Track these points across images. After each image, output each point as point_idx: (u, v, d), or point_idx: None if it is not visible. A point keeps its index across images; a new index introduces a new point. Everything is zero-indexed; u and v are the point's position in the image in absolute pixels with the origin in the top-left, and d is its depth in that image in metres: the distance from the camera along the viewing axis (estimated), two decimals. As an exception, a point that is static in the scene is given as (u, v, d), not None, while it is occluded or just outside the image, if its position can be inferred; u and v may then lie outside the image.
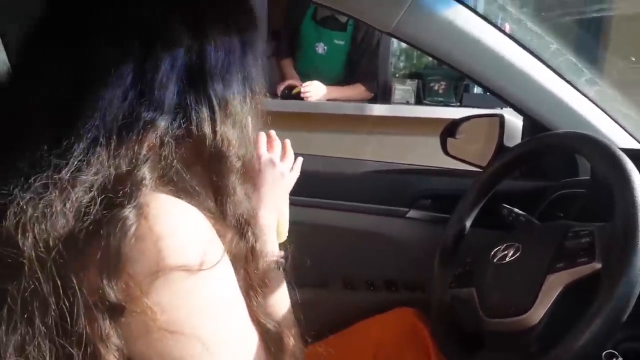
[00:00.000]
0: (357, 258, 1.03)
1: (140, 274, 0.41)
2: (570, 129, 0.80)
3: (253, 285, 0.51)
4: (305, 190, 1.02)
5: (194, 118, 0.47)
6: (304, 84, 2.18)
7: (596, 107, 0.93)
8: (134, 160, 0.43)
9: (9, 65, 0.91)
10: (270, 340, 0.51)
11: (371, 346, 0.91)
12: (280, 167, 0.71)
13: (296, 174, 0.75)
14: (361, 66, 2.33)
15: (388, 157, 1.16)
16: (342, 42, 2.31)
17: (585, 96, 0.92)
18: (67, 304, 0.40)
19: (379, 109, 2.23)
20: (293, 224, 0.75)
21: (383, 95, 2.35)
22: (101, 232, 0.40)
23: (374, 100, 2.33)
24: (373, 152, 2.18)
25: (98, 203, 0.41)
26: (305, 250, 0.61)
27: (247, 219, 0.51)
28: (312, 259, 0.63)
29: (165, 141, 0.46)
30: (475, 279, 0.72)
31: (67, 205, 0.41)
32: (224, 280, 0.47)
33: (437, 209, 1.03)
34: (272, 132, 0.74)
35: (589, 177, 0.79)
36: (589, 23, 2.49)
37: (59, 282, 0.40)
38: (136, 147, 0.44)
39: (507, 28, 1.12)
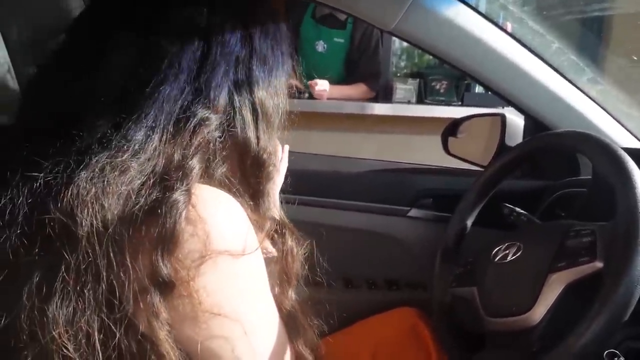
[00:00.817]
0: (358, 257, 1.03)
1: (189, 258, 0.43)
2: (572, 128, 0.80)
3: (288, 279, 0.55)
4: (307, 189, 1.02)
5: (239, 122, 0.51)
6: (315, 84, 2.17)
7: (598, 106, 0.93)
8: (185, 151, 0.47)
9: (10, 63, 0.92)
10: (291, 327, 0.54)
11: (372, 345, 0.91)
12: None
13: (285, 164, 0.76)
14: (362, 65, 2.32)
15: (389, 156, 1.16)
16: (341, 40, 2.31)
17: (587, 95, 0.92)
18: (119, 280, 0.42)
19: (380, 108, 2.23)
20: (294, 223, 0.75)
21: (384, 94, 2.35)
22: (158, 212, 0.43)
23: (375, 99, 2.33)
24: (374, 151, 2.18)
25: (150, 186, 0.44)
26: (307, 249, 0.62)
27: (281, 221, 0.55)
28: (313, 257, 0.63)
29: (214, 139, 0.49)
30: (476, 278, 0.71)
31: (124, 186, 0.43)
32: (260, 267, 0.50)
33: (439, 208, 1.03)
34: None
35: (590, 177, 0.79)
36: (591, 22, 2.49)
37: (113, 258, 0.42)
38: (189, 140, 0.47)
39: (509, 27, 1.12)
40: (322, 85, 2.19)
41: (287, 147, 0.77)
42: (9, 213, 0.43)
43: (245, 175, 0.53)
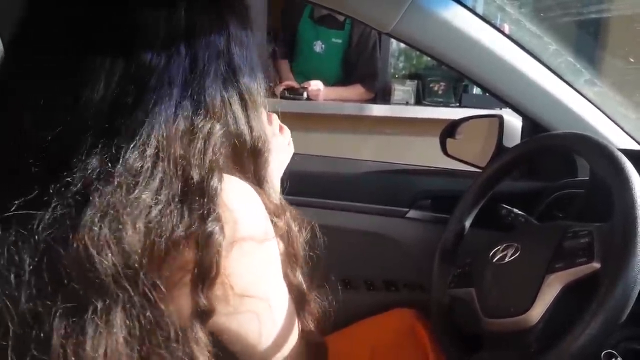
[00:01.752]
0: (357, 258, 1.03)
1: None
2: (569, 130, 0.80)
3: (296, 259, 0.56)
4: (305, 190, 1.02)
5: (231, 117, 0.49)
6: (308, 85, 2.17)
7: (595, 108, 0.93)
8: (201, 170, 0.44)
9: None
10: (298, 301, 0.55)
11: (370, 346, 0.91)
12: (281, 139, 0.73)
13: (292, 148, 0.76)
14: (359, 66, 2.32)
15: (388, 158, 1.16)
16: (339, 41, 2.31)
17: (584, 97, 0.93)
18: (157, 314, 0.41)
19: (378, 110, 2.23)
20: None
21: (383, 95, 2.35)
22: (190, 246, 0.42)
23: (373, 100, 2.34)
24: (373, 153, 2.18)
25: (173, 214, 0.42)
26: (305, 250, 0.62)
27: (284, 205, 0.56)
28: (311, 258, 0.63)
29: (220, 145, 0.47)
30: (474, 279, 0.72)
31: (141, 220, 0.41)
32: (276, 250, 0.51)
33: (437, 209, 1.03)
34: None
35: (587, 178, 0.79)
36: (588, 24, 2.50)
37: (150, 295, 0.41)
38: (202, 157, 0.45)
39: (506, 29, 1.12)
40: (315, 85, 2.19)
41: (288, 131, 0.76)
42: (15, 275, 0.40)
43: (244, 166, 0.52)
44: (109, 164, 0.42)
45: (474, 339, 0.70)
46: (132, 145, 0.42)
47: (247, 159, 0.52)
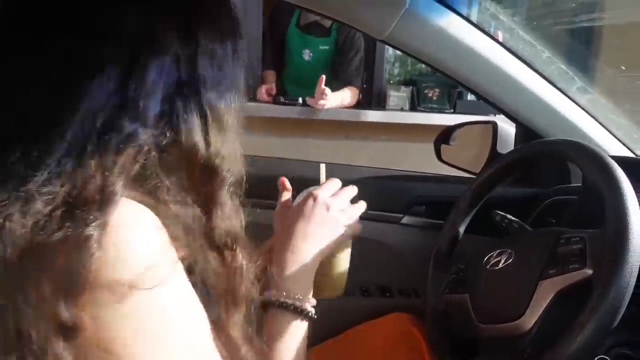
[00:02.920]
0: (352, 263, 1.03)
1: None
2: (562, 137, 0.81)
3: (234, 300, 0.48)
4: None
5: (183, 128, 0.45)
6: (323, 90, 2.11)
7: (587, 115, 0.94)
8: (108, 174, 0.41)
9: None
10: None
11: (365, 351, 0.91)
12: (334, 213, 0.67)
13: (350, 233, 0.71)
14: (345, 66, 2.29)
15: (382, 163, 1.17)
16: (327, 47, 2.30)
17: (577, 104, 0.94)
18: (22, 321, 0.38)
19: (373, 115, 2.24)
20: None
21: (378, 101, 2.36)
22: (64, 249, 0.38)
23: (368, 106, 2.34)
24: (368, 158, 2.19)
25: (59, 217, 0.39)
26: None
27: (235, 234, 0.49)
28: None
29: (146, 151, 0.43)
30: (468, 284, 0.72)
31: (27, 217, 0.38)
32: (176, 301, 0.43)
33: (431, 215, 1.04)
34: (338, 182, 0.71)
35: (580, 184, 0.80)
36: (581, 32, 2.53)
37: (16, 297, 0.37)
38: (113, 159, 0.41)
39: (500, 36, 1.13)
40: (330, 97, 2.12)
41: (323, 166, 0.72)
42: None
43: (195, 183, 0.47)
44: (18, 156, 0.39)
45: (469, 345, 0.71)
46: (45, 140, 0.40)
47: (201, 176, 0.47)
